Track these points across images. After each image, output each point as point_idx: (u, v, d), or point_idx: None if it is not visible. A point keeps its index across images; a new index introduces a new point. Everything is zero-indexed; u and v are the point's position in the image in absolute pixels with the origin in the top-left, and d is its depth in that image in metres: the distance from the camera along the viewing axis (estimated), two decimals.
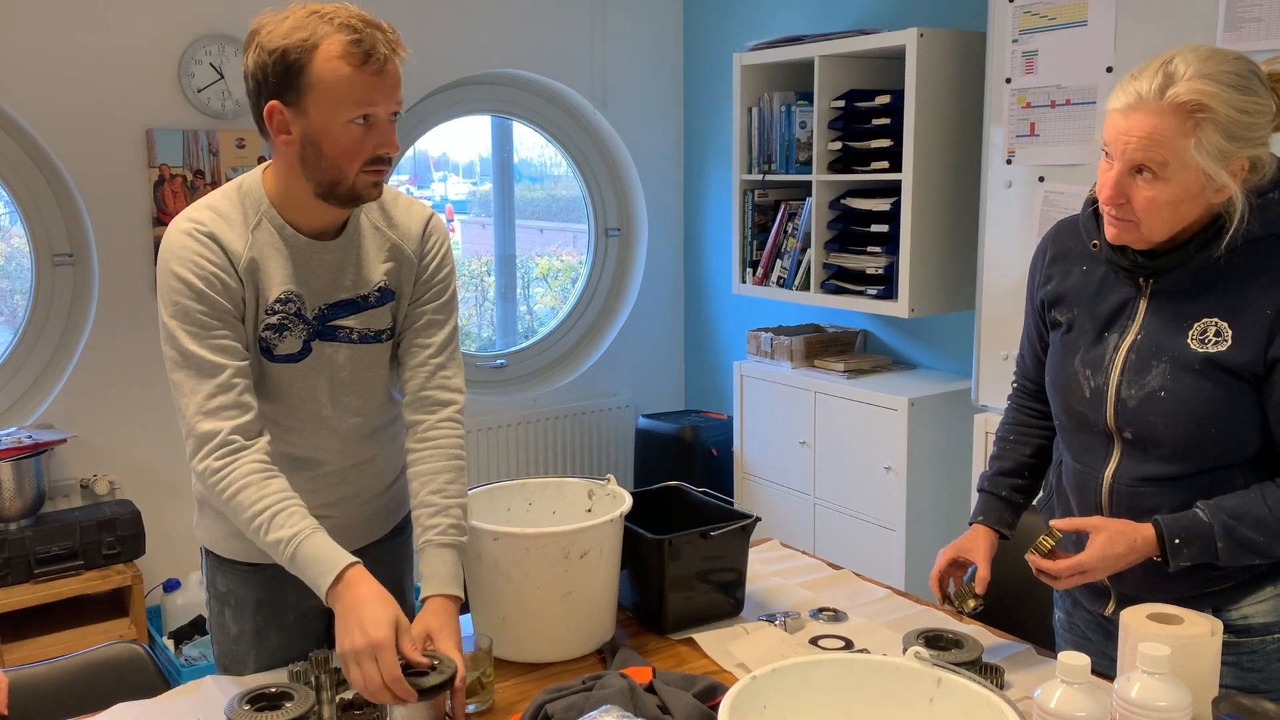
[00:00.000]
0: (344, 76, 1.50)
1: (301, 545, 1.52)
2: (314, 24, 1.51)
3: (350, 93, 1.51)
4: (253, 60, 1.54)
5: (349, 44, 1.50)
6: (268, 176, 1.66)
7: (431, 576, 1.64)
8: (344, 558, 1.53)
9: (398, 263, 1.74)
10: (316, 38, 1.50)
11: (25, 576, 3.17)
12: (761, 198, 3.77)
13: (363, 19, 1.53)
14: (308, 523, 1.54)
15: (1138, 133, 1.44)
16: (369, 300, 1.72)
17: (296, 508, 1.55)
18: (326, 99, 1.52)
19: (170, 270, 1.59)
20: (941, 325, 3.62)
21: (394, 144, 1.58)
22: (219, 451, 1.56)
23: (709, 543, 1.90)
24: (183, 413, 1.58)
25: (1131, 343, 1.58)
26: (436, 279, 1.77)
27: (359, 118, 1.53)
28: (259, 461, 1.57)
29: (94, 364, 3.50)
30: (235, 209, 1.64)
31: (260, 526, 1.53)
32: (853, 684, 1.32)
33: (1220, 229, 1.49)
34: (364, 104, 1.52)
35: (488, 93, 4.27)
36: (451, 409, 1.76)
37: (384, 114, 1.56)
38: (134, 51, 3.43)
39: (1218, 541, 1.50)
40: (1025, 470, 1.83)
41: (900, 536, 3.30)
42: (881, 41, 3.22)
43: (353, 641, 1.46)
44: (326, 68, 1.50)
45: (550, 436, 4.42)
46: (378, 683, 1.45)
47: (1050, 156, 2.77)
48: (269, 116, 1.55)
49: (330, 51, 1.50)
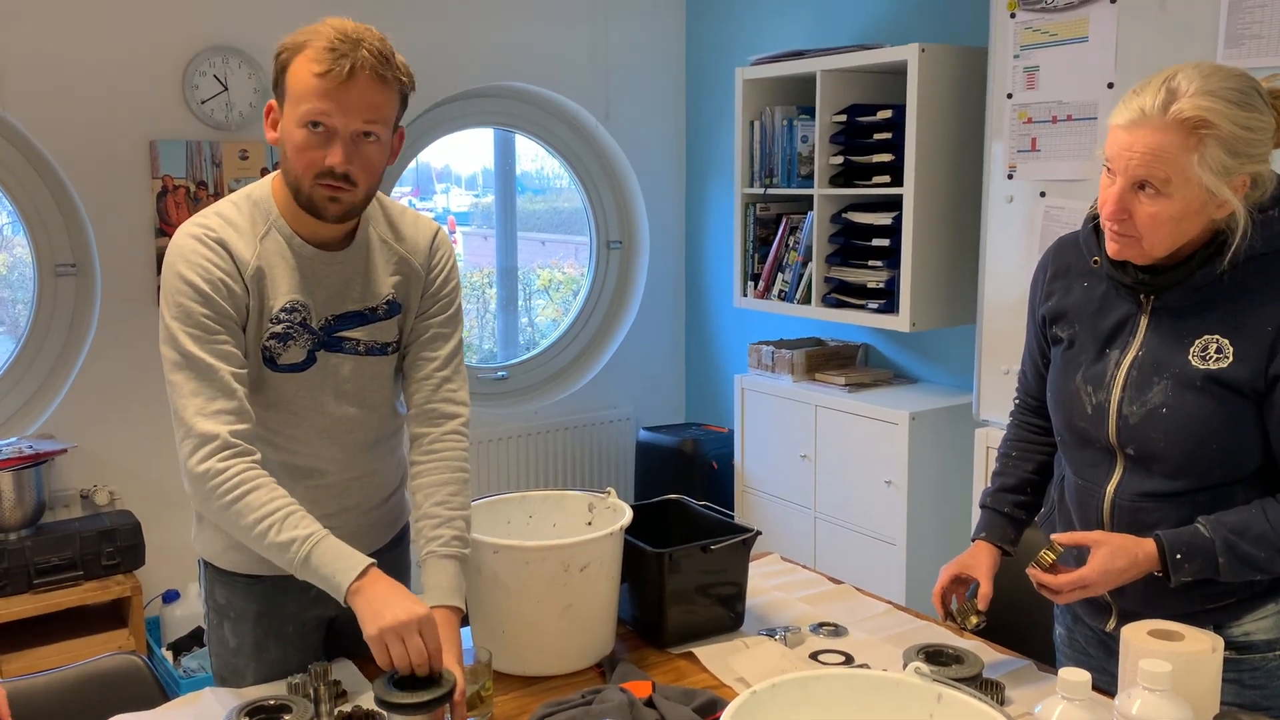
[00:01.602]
0: (304, 79, 1.54)
1: (319, 545, 1.52)
2: (314, 31, 1.55)
3: (305, 96, 1.54)
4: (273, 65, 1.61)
5: (323, 50, 1.53)
6: (276, 186, 1.67)
7: (434, 588, 1.64)
8: (363, 558, 1.54)
9: (405, 276, 1.74)
10: (304, 43, 1.55)
11: (25, 587, 3.16)
12: (763, 211, 3.78)
13: (354, 35, 1.54)
14: (320, 526, 1.55)
15: (1140, 148, 1.44)
16: (377, 313, 1.72)
17: (305, 513, 1.56)
18: (291, 98, 1.57)
19: (177, 272, 1.59)
20: (943, 339, 3.62)
21: (339, 159, 1.55)
22: (222, 453, 1.55)
23: (709, 556, 1.89)
24: (180, 413, 1.57)
25: (1133, 359, 1.58)
26: (443, 293, 1.78)
27: (310, 123, 1.54)
28: (258, 465, 1.58)
29: (95, 374, 3.50)
30: (245, 217, 1.65)
31: (270, 527, 1.52)
32: (853, 699, 1.32)
33: (1221, 245, 1.50)
34: (317, 112, 1.53)
35: (490, 105, 4.28)
36: (456, 422, 1.77)
37: (343, 128, 1.55)
38: (138, 62, 3.45)
39: (1219, 557, 1.50)
40: (1028, 486, 1.83)
41: (901, 551, 3.30)
42: (883, 56, 3.23)
43: (395, 615, 1.46)
44: (296, 69, 1.55)
45: (551, 449, 4.42)
46: (424, 655, 1.46)
47: (1051, 172, 2.78)
48: (267, 113, 1.62)
49: (306, 56, 1.54)
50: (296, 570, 1.54)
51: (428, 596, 1.63)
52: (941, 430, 3.31)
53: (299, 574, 1.54)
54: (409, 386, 1.78)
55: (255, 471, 1.56)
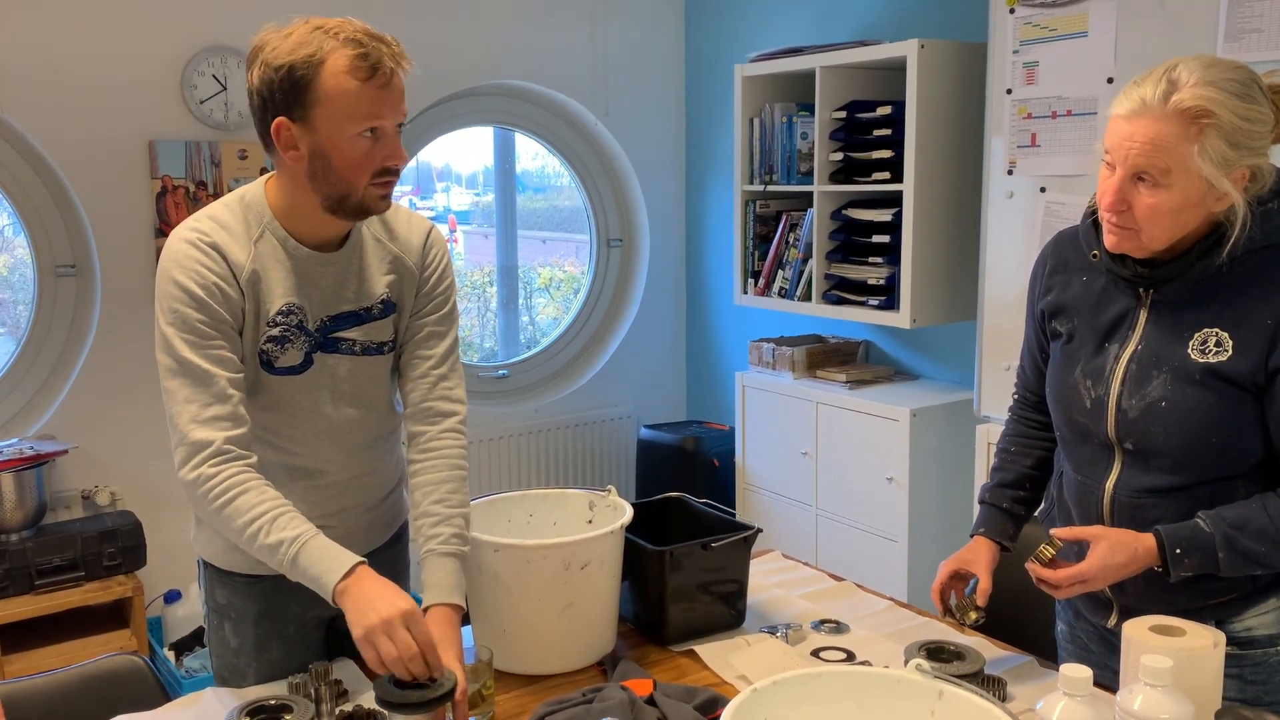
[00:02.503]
0: (351, 90, 1.51)
1: (307, 545, 1.51)
2: (319, 39, 1.51)
3: (358, 106, 1.52)
4: (258, 76, 1.54)
5: (355, 58, 1.50)
6: (270, 188, 1.66)
7: (434, 586, 1.63)
8: (351, 557, 1.53)
9: (399, 275, 1.74)
10: (323, 53, 1.50)
11: (26, 588, 3.17)
12: (763, 208, 3.77)
13: (367, 33, 1.53)
14: (309, 526, 1.54)
15: (1141, 138, 1.44)
16: (372, 313, 1.72)
17: (296, 513, 1.55)
18: (334, 113, 1.52)
19: (171, 278, 1.58)
20: (943, 336, 3.61)
21: (401, 155, 1.59)
22: (213, 460, 1.55)
23: (710, 554, 1.89)
24: (174, 420, 1.58)
25: (1132, 353, 1.58)
26: (437, 291, 1.78)
27: (366, 131, 1.54)
28: (252, 469, 1.57)
29: (96, 375, 3.50)
30: (238, 220, 1.64)
31: (260, 529, 1.52)
32: (854, 696, 1.32)
33: (1220, 238, 1.49)
34: (371, 117, 1.53)
35: (490, 104, 4.28)
36: (454, 419, 1.77)
37: (390, 126, 1.56)
38: (137, 62, 3.44)
39: (1219, 552, 1.49)
40: (1026, 482, 1.82)
41: (902, 548, 3.29)
42: (883, 53, 3.23)
43: (379, 613, 1.45)
44: (334, 82, 1.51)
45: (551, 447, 4.42)
46: (413, 649, 1.45)
47: (1051, 167, 2.77)
48: (276, 133, 1.55)
49: (337, 66, 1.50)
50: (287, 572, 1.53)
51: (428, 595, 1.63)
52: (942, 426, 3.31)
53: (289, 575, 1.54)
54: (405, 385, 1.78)
55: (245, 475, 1.55)
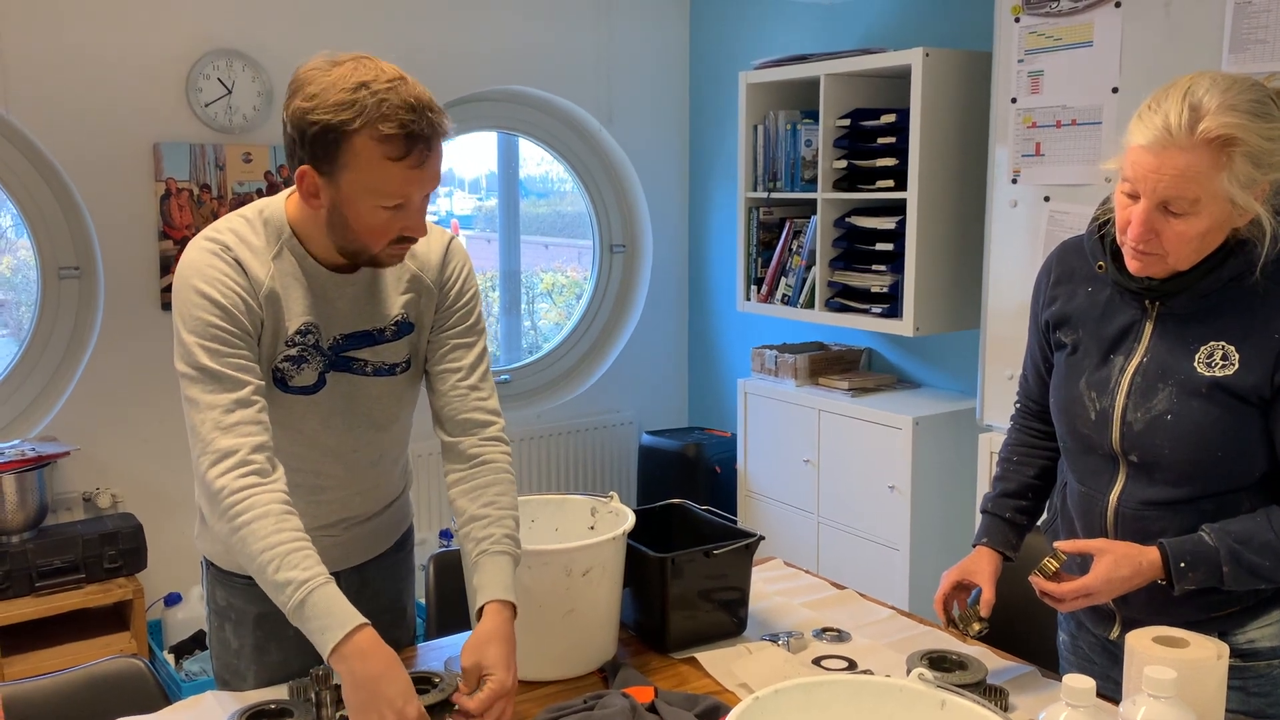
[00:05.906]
0: (383, 167, 1.46)
1: (313, 594, 1.44)
2: (363, 101, 1.43)
3: (387, 185, 1.48)
4: (294, 114, 1.48)
5: (394, 134, 1.44)
6: (290, 205, 1.62)
7: (488, 584, 1.60)
8: (355, 617, 1.45)
9: (417, 294, 1.71)
10: (362, 120, 1.43)
11: (26, 589, 3.17)
12: (766, 215, 3.78)
13: (416, 103, 1.46)
14: (320, 570, 1.47)
15: (1170, 171, 1.41)
16: (384, 334, 1.69)
17: (311, 551, 1.48)
18: (361, 184, 1.48)
19: (193, 286, 1.55)
20: (946, 344, 3.61)
21: (422, 227, 1.55)
22: (239, 470, 1.49)
23: (712, 561, 1.89)
24: (197, 430, 1.52)
25: (1138, 365, 1.57)
26: (459, 304, 1.74)
27: (391, 204, 1.51)
28: (282, 494, 1.51)
29: (98, 377, 3.50)
30: (258, 235, 1.61)
31: (271, 562, 1.46)
32: (856, 705, 1.31)
33: (1227, 254, 1.49)
34: (398, 196, 1.50)
35: (494, 109, 4.28)
36: (493, 429, 1.73)
37: (417, 201, 1.53)
38: (142, 65, 3.45)
39: (1223, 565, 1.49)
40: (1029, 491, 1.82)
41: (904, 556, 3.29)
42: (887, 61, 3.23)
43: (380, 713, 1.41)
44: (367, 154, 1.45)
45: (553, 453, 4.42)
46: None
47: (1056, 176, 2.77)
48: (300, 178, 1.51)
49: (373, 138, 1.44)
50: (289, 615, 1.47)
51: (481, 594, 1.59)
52: (945, 435, 3.31)
53: (291, 619, 1.47)
54: (437, 401, 1.74)
55: (269, 497, 1.49)
